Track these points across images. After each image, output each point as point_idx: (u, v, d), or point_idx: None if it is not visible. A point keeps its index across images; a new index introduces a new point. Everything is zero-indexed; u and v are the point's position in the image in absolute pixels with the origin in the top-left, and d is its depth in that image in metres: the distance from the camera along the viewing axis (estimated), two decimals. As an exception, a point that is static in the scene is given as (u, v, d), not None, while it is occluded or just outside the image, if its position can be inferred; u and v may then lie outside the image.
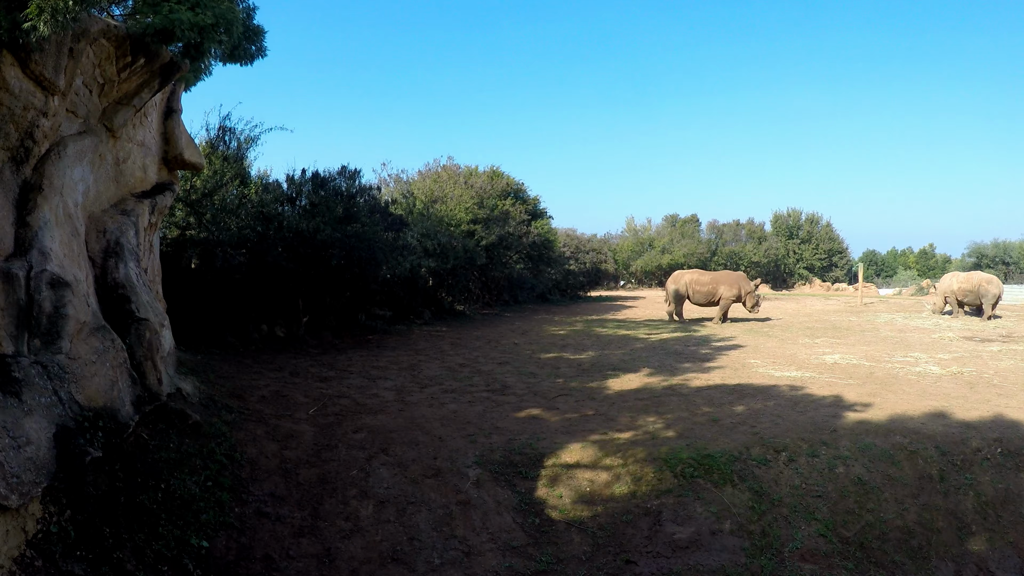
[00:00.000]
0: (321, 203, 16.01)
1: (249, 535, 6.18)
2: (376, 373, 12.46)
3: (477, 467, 7.65)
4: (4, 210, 6.03)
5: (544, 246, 31.65)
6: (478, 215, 26.17)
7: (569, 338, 18.45)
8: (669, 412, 9.54)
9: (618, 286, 54.22)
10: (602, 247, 46.47)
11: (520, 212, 29.50)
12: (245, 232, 14.24)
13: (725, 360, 14.01)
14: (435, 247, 21.81)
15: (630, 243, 58.59)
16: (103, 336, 6.72)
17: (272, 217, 15.17)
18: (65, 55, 6.63)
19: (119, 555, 5.08)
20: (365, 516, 6.73)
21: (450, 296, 25.54)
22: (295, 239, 14.75)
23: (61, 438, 5.44)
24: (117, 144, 8.36)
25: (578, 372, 12.92)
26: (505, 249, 27.94)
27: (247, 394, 9.62)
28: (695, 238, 57.30)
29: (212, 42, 7.43)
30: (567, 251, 38.70)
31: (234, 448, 7.51)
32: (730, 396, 10.47)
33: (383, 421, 9.00)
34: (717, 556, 6.16)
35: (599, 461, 7.73)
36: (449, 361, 14.17)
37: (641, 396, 10.70)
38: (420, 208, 24.99)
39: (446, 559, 6.18)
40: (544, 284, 33.93)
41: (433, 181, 28.06)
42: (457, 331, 20.03)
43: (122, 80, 7.96)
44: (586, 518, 6.82)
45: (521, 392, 11.14)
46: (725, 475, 7.20)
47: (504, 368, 13.35)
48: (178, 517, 5.95)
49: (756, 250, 56.69)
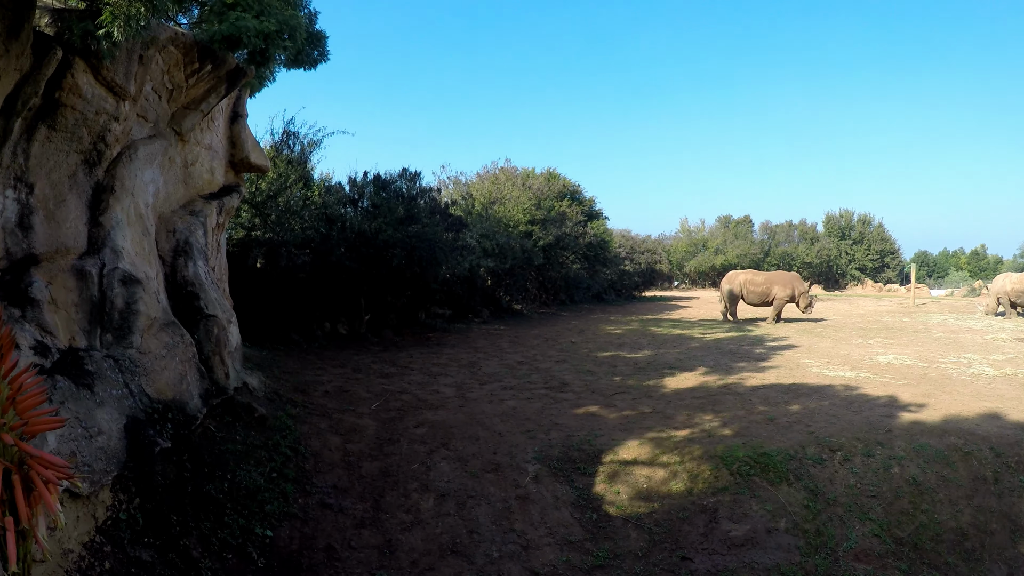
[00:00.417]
0: (383, 204, 16.10)
1: (312, 526, 6.19)
2: (436, 370, 12.45)
3: (536, 462, 7.57)
4: (78, 210, 6.15)
5: (600, 246, 31.32)
6: (535, 216, 26.03)
7: (625, 337, 18.23)
8: (725, 410, 9.36)
9: (672, 286, 53.50)
10: (656, 248, 45.84)
11: (576, 213, 29.26)
12: (309, 233, 14.40)
13: (780, 360, 13.70)
14: (494, 247, 21.77)
15: (684, 244, 57.77)
16: (173, 331, 6.81)
17: (335, 218, 15.32)
18: (135, 62, 6.74)
19: (185, 542, 5.12)
20: (426, 509, 6.69)
21: (508, 295, 25.46)
22: (357, 239, 14.85)
23: (131, 429, 5.52)
24: (186, 147, 8.50)
25: (635, 370, 12.73)
26: (562, 249, 27.73)
27: (311, 389, 9.69)
28: (748, 239, 56.21)
29: (276, 48, 7.49)
30: (622, 251, 38.28)
31: (298, 441, 7.54)
32: (785, 395, 10.21)
33: (444, 416, 8.97)
34: (772, 554, 6.01)
35: (656, 458, 7.61)
36: (508, 359, 14.10)
37: (697, 394, 10.51)
38: (479, 209, 24.97)
39: (504, 552, 6.11)
40: (600, 284, 33.61)
41: (491, 183, 28.00)
42: (515, 330, 19.96)
43: (190, 86, 8.08)
44: (643, 514, 6.71)
45: (579, 389, 11.01)
46: (781, 474, 7.03)
47: (562, 366, 13.23)
48: (243, 507, 5.98)
49: (808, 251, 55.34)
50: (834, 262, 56.18)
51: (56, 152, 5.86)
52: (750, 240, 56.06)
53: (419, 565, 5.86)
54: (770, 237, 58.06)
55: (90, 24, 5.40)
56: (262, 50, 7.41)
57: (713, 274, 53.06)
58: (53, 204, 5.83)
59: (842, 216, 59.39)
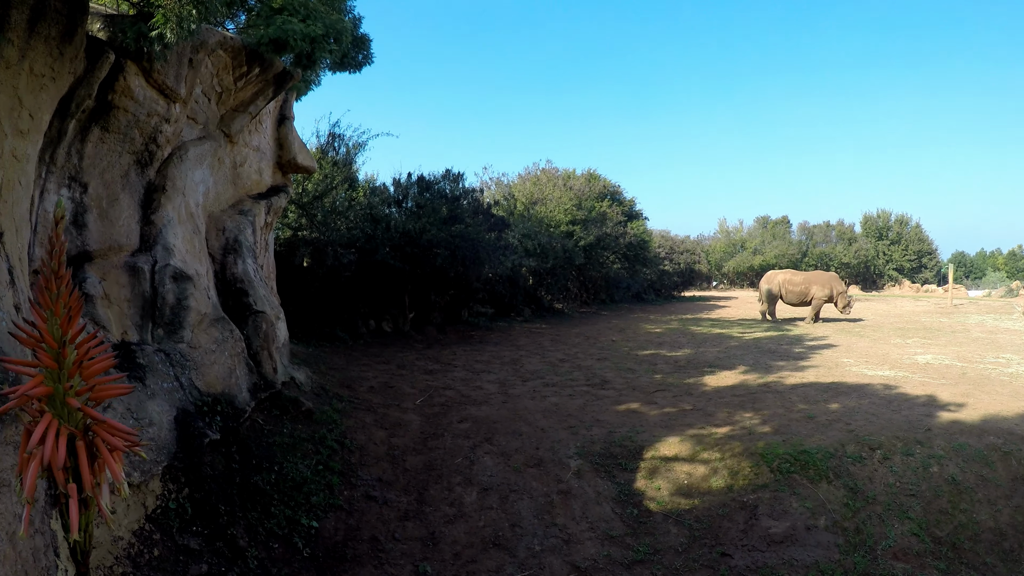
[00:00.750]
0: (426, 205, 16.12)
1: (357, 517, 6.17)
2: (479, 367, 12.41)
3: (578, 458, 7.50)
4: (130, 209, 6.22)
5: (640, 246, 30.98)
6: (576, 216, 25.87)
7: (665, 336, 18.02)
8: (765, 408, 9.19)
9: (710, 287, 52.84)
10: (695, 248, 45.30)
11: (617, 213, 28.99)
12: (354, 232, 14.47)
13: (818, 359, 13.43)
14: (535, 247, 21.67)
15: (722, 244, 57.01)
16: (222, 327, 6.86)
17: (380, 218, 15.38)
18: (185, 65, 6.81)
19: (232, 531, 5.13)
20: (469, 502, 6.66)
21: (549, 295, 25.34)
22: (402, 239, 14.89)
23: (181, 421, 5.55)
24: (234, 149, 8.57)
25: (675, 368, 12.56)
26: (602, 249, 27.49)
27: (356, 384, 9.71)
28: (786, 239, 55.21)
29: (322, 51, 7.51)
30: (662, 252, 37.88)
31: (344, 435, 7.56)
32: (825, 394, 10.00)
33: (487, 412, 8.93)
34: (811, 551, 5.88)
35: (697, 455, 7.50)
36: (549, 357, 14.01)
37: (737, 392, 10.34)
38: (521, 210, 24.90)
39: (546, 546, 6.05)
40: (639, 284, 33.29)
41: (533, 184, 27.91)
42: (556, 328, 19.85)
43: (238, 89, 8.15)
44: (683, 510, 6.61)
45: (620, 387, 10.89)
46: (821, 471, 6.88)
47: (603, 364, 13.11)
48: (290, 498, 5.99)
49: (846, 251, 54.09)
50: (871, 263, 54.93)
51: (109, 152, 5.93)
52: (788, 240, 55.11)
53: (462, 557, 5.82)
54: (808, 238, 56.99)
55: (143, 26, 5.45)
56: (308, 53, 7.43)
57: (751, 274, 52.29)
58: (106, 203, 5.90)
59: (879, 216, 58.05)
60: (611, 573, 5.72)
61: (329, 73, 9.71)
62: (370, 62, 9.71)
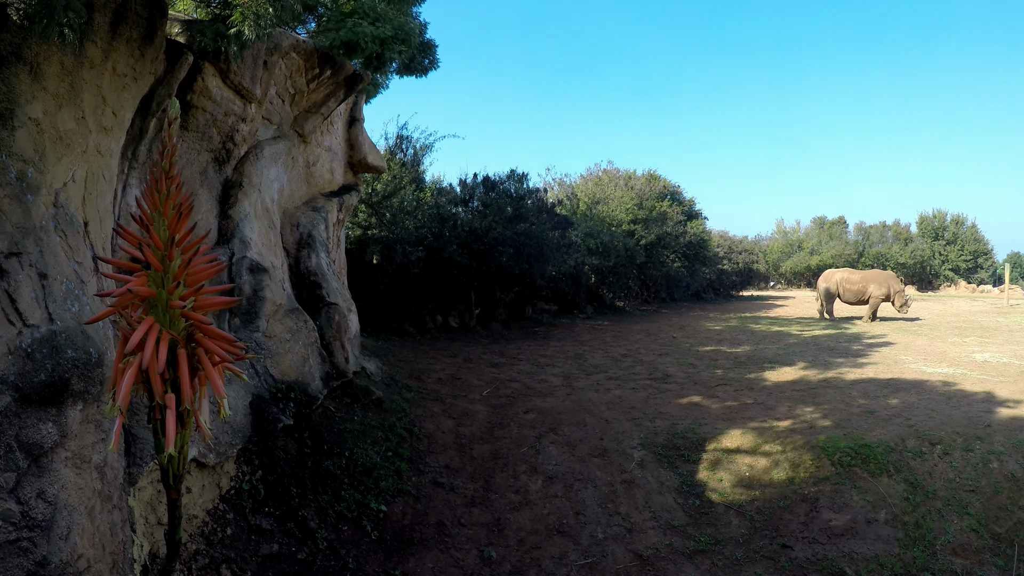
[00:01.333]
0: (492, 204, 16.05)
1: (424, 503, 6.11)
2: (544, 361, 12.27)
3: (641, 449, 7.36)
4: (208, 204, 6.28)
5: (699, 246, 30.31)
6: (637, 216, 25.46)
7: (725, 333, 17.59)
8: (825, 403, 8.88)
9: (768, 286, 51.53)
10: (753, 248, 44.27)
11: (676, 213, 28.42)
12: (422, 231, 14.49)
13: (877, 356, 12.90)
14: (597, 246, 21.40)
15: (779, 244, 55.47)
16: (296, 317, 6.88)
17: (447, 217, 15.37)
18: (260, 66, 6.85)
19: (303, 513, 5.11)
20: (534, 490, 6.57)
21: (611, 293, 24.97)
22: (468, 237, 14.85)
23: (256, 407, 5.56)
24: (307, 149, 8.63)
25: (735, 364, 12.22)
26: (663, 248, 26.97)
27: (425, 376, 9.68)
28: (842, 239, 53.35)
29: (392, 53, 7.49)
30: (720, 251, 37.02)
31: (413, 423, 7.52)
32: (884, 389, 9.59)
33: (552, 403, 8.80)
34: (871, 545, 5.67)
35: (758, 447, 7.30)
36: (612, 352, 13.78)
37: (797, 387, 10.00)
38: (583, 209, 24.66)
39: (609, 534, 5.96)
40: (699, 283, 32.63)
41: (595, 184, 27.62)
42: (618, 325, 19.55)
43: (311, 90, 8.19)
44: (744, 502, 6.45)
45: (682, 381, 10.64)
46: (881, 465, 6.62)
47: (665, 359, 12.83)
48: (359, 482, 5.97)
49: (902, 251, 51.94)
50: (927, 263, 52.66)
51: (188, 150, 5.99)
52: (844, 241, 53.30)
53: (526, 543, 5.73)
54: (864, 238, 55.01)
55: (220, 27, 5.48)
56: (378, 55, 7.42)
57: (808, 274, 50.76)
58: (186, 197, 5.97)
59: (935, 216, 55.62)
60: (672, 562, 5.60)
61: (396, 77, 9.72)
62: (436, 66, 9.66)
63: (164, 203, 2.06)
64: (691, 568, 5.53)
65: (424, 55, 9.34)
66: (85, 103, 4.26)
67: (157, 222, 2.06)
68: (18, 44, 3.69)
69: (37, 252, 3.62)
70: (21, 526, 3.20)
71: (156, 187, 2.06)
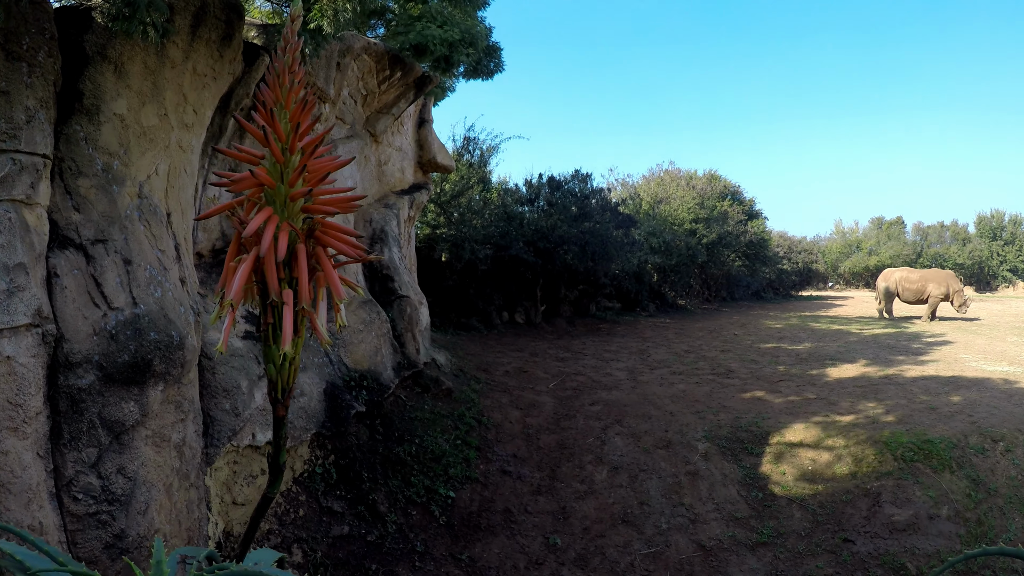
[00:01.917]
0: (557, 203, 15.88)
1: (492, 490, 6.02)
2: (608, 356, 12.06)
3: (705, 441, 7.15)
4: (285, 199, 6.32)
5: (760, 245, 29.46)
6: (699, 215, 24.90)
7: (785, 331, 17.02)
8: (887, 399, 8.48)
9: (827, 286, 49.77)
10: (813, 248, 42.98)
11: (737, 212, 27.65)
12: (489, 229, 14.43)
13: (937, 354, 12.28)
14: (660, 244, 21.00)
15: (838, 245, 53.46)
16: (369, 309, 6.88)
17: (513, 216, 15.28)
18: (333, 68, 6.87)
19: (373, 497, 5.07)
20: (599, 480, 6.42)
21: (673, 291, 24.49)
22: (534, 235, 14.73)
23: (330, 393, 5.55)
24: (379, 148, 8.64)
25: (796, 360, 11.77)
26: (723, 247, 26.29)
27: (492, 368, 9.60)
28: (900, 240, 51.00)
29: (459, 55, 7.45)
30: (780, 251, 35.94)
31: (481, 413, 7.45)
32: (945, 387, 9.14)
33: (617, 396, 8.60)
34: (933, 541, 5.45)
35: (821, 441, 7.03)
36: (675, 348, 13.45)
37: (859, 383, 9.58)
38: (646, 208, 24.29)
39: (673, 524, 5.82)
40: (759, 282, 31.73)
41: (657, 184, 27.21)
42: (680, 322, 19.13)
43: (382, 92, 8.19)
44: (807, 495, 6.25)
45: (744, 376, 10.30)
46: (944, 461, 6.34)
47: (727, 355, 12.46)
48: (428, 469, 5.92)
49: (960, 251, 49.35)
50: (985, 263, 49.83)
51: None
52: (902, 241, 51.00)
53: (591, 532, 5.60)
54: (922, 238, 52.53)
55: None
56: (446, 57, 7.39)
57: (867, 274, 48.75)
58: (264, 193, 6.01)
59: (993, 216, 52.53)
60: (735, 554, 5.45)
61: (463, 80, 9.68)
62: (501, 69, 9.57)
63: (287, 96, 1.94)
64: (753, 560, 5.39)
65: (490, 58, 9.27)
66: (167, 101, 4.30)
67: (279, 113, 1.94)
68: (103, 44, 3.74)
69: (122, 239, 3.66)
70: (101, 500, 3.22)
71: (279, 80, 1.94)
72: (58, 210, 3.41)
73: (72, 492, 3.17)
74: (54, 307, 3.23)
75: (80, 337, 3.26)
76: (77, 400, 3.21)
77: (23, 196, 3.16)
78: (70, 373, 3.20)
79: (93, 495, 3.20)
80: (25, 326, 3.03)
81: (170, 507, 3.56)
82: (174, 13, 4.23)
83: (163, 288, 3.82)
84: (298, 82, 1.94)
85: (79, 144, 3.57)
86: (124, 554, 3.26)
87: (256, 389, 4.66)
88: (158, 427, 3.57)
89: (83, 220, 3.48)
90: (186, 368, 3.83)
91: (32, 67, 3.32)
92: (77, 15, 3.74)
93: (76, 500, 3.17)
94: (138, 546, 3.32)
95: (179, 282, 4.15)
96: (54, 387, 3.18)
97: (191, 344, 3.90)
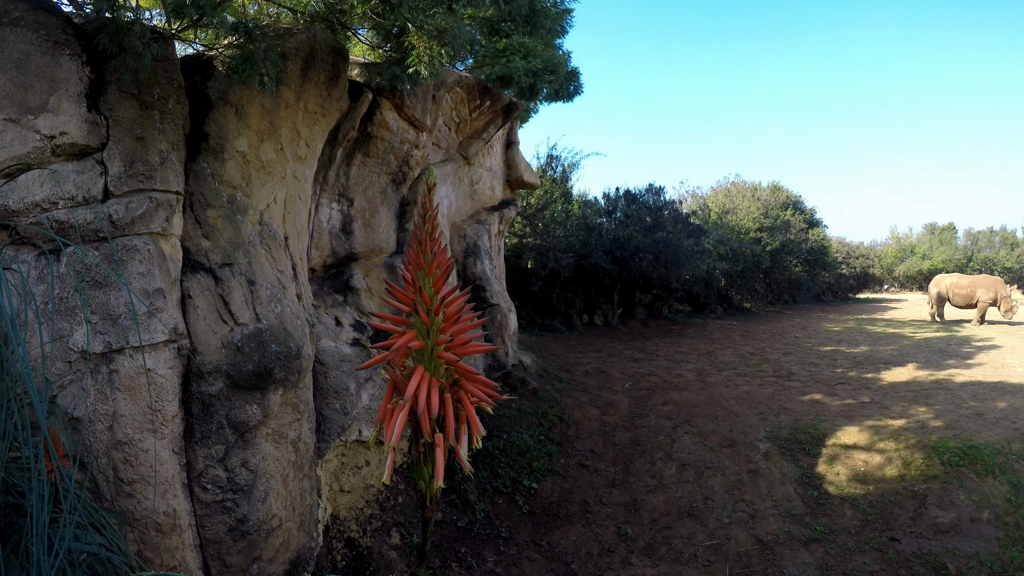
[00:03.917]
0: (632, 215, 15.65)
1: (570, 482, 5.94)
2: (679, 357, 11.73)
3: (766, 441, 6.88)
4: (388, 219, 6.42)
5: (820, 251, 28.16)
6: (763, 224, 24.06)
7: (843, 334, 16.12)
8: (937, 404, 7.95)
9: (882, 289, 46.98)
10: (869, 253, 40.68)
11: (799, 221, 26.58)
12: (570, 239, 14.34)
13: (985, 358, 11.36)
14: (727, 252, 20.42)
15: (893, 250, 50.37)
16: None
17: (593, 227, 15.13)
18: (429, 100, 6.93)
19: (464, 487, 5.07)
20: (668, 476, 6.26)
21: (739, 295, 23.73)
22: (612, 244, 14.55)
23: (426, 393, 5.59)
24: (471, 169, 8.68)
25: (853, 364, 11.12)
26: (786, 254, 25.33)
27: (573, 369, 9.49)
28: (952, 245, 47.50)
29: (542, 83, 7.37)
30: (839, 256, 34.23)
31: (563, 411, 7.37)
32: (992, 392, 8.46)
33: (686, 397, 8.35)
34: (973, 543, 5.15)
35: (873, 444, 6.68)
36: (740, 350, 12.96)
37: (911, 388, 9.00)
38: (715, 218, 23.66)
39: (734, 519, 5.66)
40: (819, 286, 30.33)
41: (724, 195, 26.51)
42: (745, 325, 18.44)
43: (473, 119, 8.22)
44: (858, 495, 5.97)
45: (804, 379, 9.82)
46: (987, 466, 5.94)
47: (788, 358, 11.90)
48: (514, 462, 5.89)
49: (1008, 256, 45.44)
50: None
51: (370, 173, 6.15)
52: (954, 246, 47.50)
53: (659, 523, 5.49)
54: (973, 243, 48.78)
55: (396, 69, 5.56)
56: (531, 85, 7.32)
57: (920, 278, 45.71)
58: (368, 214, 6.12)
59: None
60: (789, 548, 5.28)
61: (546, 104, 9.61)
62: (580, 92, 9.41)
63: (430, 264, 2.06)
64: (806, 554, 5.21)
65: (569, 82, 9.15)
66: (283, 137, 4.42)
67: (423, 280, 2.05)
68: (224, 90, 3.86)
69: (246, 262, 3.77)
70: (227, 489, 3.31)
71: (421, 248, 2.05)
72: (190, 238, 3.55)
73: (202, 483, 3.29)
74: (188, 324, 3.36)
75: (210, 350, 3.38)
76: (207, 404, 3.33)
77: (159, 229, 3.30)
78: (202, 381, 3.32)
79: (220, 485, 3.30)
80: (163, 342, 3.16)
81: (286, 495, 3.64)
82: (286, 60, 4.34)
83: (282, 304, 3.92)
84: (440, 249, 2.01)
85: (206, 179, 3.70)
86: (245, 536, 3.36)
87: (363, 391, 4.74)
88: (277, 426, 3.67)
89: (211, 246, 3.61)
90: (302, 374, 3.92)
91: (163, 114, 3.46)
92: (200, 64, 3.87)
93: (205, 490, 3.29)
94: (257, 529, 3.41)
95: (296, 298, 4.26)
96: (188, 393, 3.31)
97: (307, 353, 3.99)
